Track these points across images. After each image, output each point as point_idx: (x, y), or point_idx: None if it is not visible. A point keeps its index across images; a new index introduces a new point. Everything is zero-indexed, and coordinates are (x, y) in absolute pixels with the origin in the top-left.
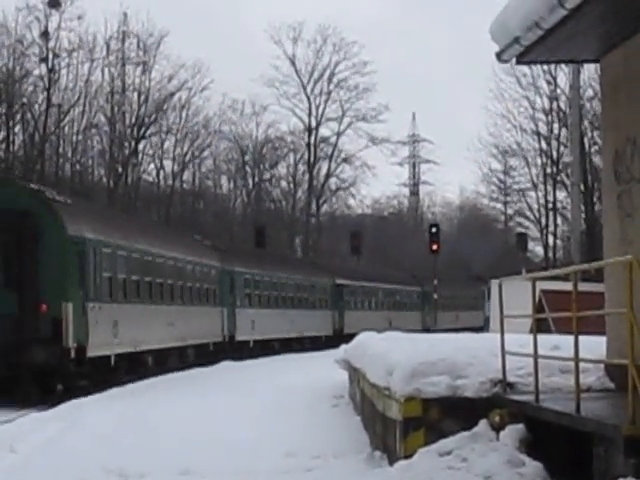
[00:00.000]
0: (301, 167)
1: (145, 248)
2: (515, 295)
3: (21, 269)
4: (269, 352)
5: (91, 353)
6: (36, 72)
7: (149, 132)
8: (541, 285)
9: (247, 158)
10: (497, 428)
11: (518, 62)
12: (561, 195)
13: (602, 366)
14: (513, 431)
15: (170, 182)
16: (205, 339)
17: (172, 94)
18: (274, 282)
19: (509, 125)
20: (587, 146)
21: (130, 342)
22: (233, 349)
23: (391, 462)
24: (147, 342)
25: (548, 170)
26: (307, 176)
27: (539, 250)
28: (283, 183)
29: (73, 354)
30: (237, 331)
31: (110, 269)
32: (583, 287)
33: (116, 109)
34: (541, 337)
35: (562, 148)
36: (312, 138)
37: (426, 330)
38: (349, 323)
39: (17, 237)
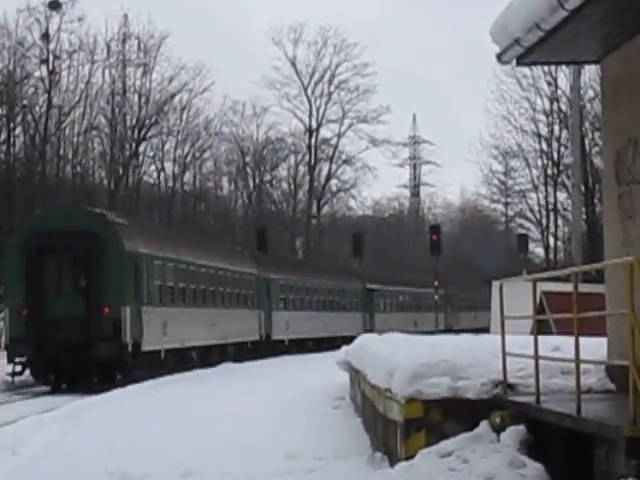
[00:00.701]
0: (302, 169)
1: (190, 260)
2: (516, 296)
3: (88, 279)
4: (303, 350)
5: (145, 348)
6: (37, 74)
7: (150, 134)
8: (542, 286)
9: (248, 160)
10: (498, 429)
11: (519, 63)
12: (562, 196)
13: (603, 367)
14: (514, 432)
15: (171, 184)
16: (243, 338)
17: (173, 96)
18: (307, 287)
19: (510, 126)
20: (588, 147)
21: (177, 339)
22: (269, 347)
23: (392, 463)
24: (192, 340)
25: (549, 171)
26: (308, 178)
27: (540, 251)
28: (284, 185)
29: (130, 349)
30: (273, 331)
31: (160, 278)
32: (584, 288)
33: (117, 111)
34: (542, 338)
35: (563, 149)
36: (313, 140)
37: (448, 330)
38: (379, 324)
39: (85, 253)
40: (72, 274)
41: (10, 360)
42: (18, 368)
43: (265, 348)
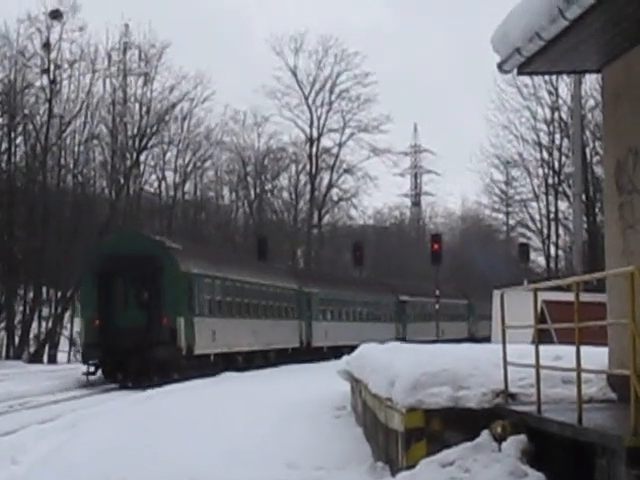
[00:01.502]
0: (303, 178)
1: (235, 277)
2: (517, 306)
3: (149, 295)
4: (340, 356)
5: (196, 352)
6: (38, 83)
7: (151, 143)
8: (543, 295)
9: (249, 169)
10: (499, 439)
11: (519, 73)
12: (563, 205)
13: (604, 377)
14: (515, 442)
15: (172, 193)
16: (285, 345)
17: (174, 105)
18: (344, 299)
19: (511, 135)
20: (589, 156)
21: (224, 345)
22: (309, 353)
23: (393, 473)
24: (237, 346)
25: (550, 181)
26: (309, 187)
27: (541, 260)
28: (285, 194)
29: (184, 352)
30: (313, 339)
31: (209, 293)
32: (585, 297)
33: (118, 120)
34: (543, 348)
35: (564, 158)
36: (314, 149)
37: (471, 337)
38: (410, 333)
39: (146, 273)
40: (136, 291)
41: (85, 362)
42: (92, 369)
43: (305, 354)
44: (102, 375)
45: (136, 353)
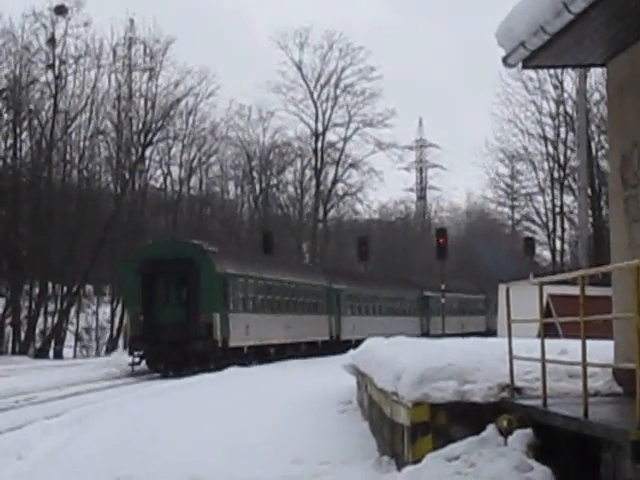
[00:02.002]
0: (308, 173)
1: (267, 276)
2: (523, 300)
3: (188, 294)
4: None
5: (231, 344)
6: (43, 79)
7: (156, 138)
8: (549, 289)
9: (254, 164)
10: (505, 433)
11: (524, 66)
12: (568, 199)
13: (610, 370)
14: (521, 436)
15: (177, 188)
16: (315, 338)
17: (179, 100)
18: (371, 295)
19: (516, 130)
20: (594, 150)
21: (257, 338)
22: (339, 345)
23: (399, 467)
24: (270, 339)
25: (555, 174)
26: (314, 182)
27: (547, 254)
28: (290, 189)
29: (220, 345)
30: (342, 333)
31: (243, 291)
32: (591, 291)
33: (123, 115)
34: (549, 342)
35: (569, 152)
36: (319, 143)
37: (488, 330)
38: (433, 327)
39: (185, 275)
40: (176, 290)
41: (131, 353)
42: (137, 360)
43: (335, 346)
44: (146, 365)
45: (176, 346)
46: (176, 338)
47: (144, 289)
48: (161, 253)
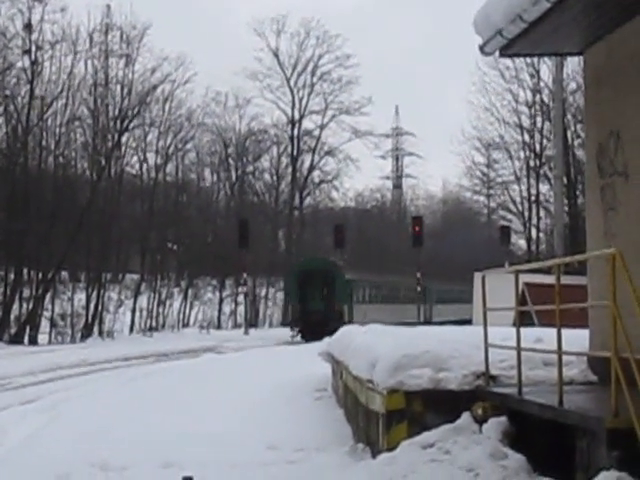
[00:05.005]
0: (284, 160)
1: (377, 279)
2: (498, 288)
3: (327, 293)
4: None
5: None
6: (19, 64)
7: (132, 125)
8: (524, 278)
9: (230, 151)
10: (480, 421)
11: (501, 55)
12: (544, 188)
13: (585, 359)
14: (496, 424)
15: (153, 175)
16: (412, 320)
17: (155, 87)
18: (455, 290)
19: (492, 118)
20: (570, 139)
21: (372, 321)
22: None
23: (374, 455)
24: (381, 321)
25: (531, 163)
26: (290, 169)
27: (522, 243)
28: (266, 176)
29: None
30: (433, 317)
31: (362, 290)
32: (566, 280)
33: (99, 102)
34: (524, 330)
35: (545, 141)
36: (295, 131)
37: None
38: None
39: (325, 280)
40: (320, 290)
41: (292, 329)
42: (295, 333)
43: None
44: (300, 337)
45: (320, 325)
46: (320, 320)
47: (299, 289)
48: (310, 266)
